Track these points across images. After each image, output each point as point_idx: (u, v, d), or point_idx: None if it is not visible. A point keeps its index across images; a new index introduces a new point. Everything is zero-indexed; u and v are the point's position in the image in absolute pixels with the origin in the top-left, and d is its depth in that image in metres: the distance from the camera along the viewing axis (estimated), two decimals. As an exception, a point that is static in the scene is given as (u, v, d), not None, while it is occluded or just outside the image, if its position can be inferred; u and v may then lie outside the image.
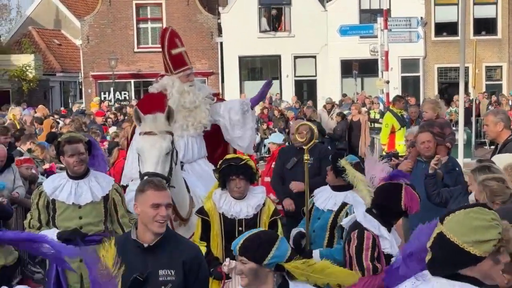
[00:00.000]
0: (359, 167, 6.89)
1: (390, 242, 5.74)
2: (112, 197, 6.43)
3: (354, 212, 6.60)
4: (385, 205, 5.79)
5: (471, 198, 6.34)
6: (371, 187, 6.44)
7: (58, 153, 6.49)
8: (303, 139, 7.19)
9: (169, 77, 7.82)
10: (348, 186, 6.94)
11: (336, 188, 6.96)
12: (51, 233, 6.22)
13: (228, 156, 6.75)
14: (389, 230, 5.79)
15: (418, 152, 9.02)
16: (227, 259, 5.99)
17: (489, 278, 3.45)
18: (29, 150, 12.47)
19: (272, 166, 10.95)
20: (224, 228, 6.45)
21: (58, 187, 6.36)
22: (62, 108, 34.40)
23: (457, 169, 8.68)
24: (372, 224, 5.74)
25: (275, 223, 6.60)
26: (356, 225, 5.81)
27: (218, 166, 6.55)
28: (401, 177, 6.07)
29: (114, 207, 6.48)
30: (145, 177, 6.07)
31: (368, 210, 5.91)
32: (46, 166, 12.54)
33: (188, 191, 7.06)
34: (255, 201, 6.53)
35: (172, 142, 6.42)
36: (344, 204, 6.90)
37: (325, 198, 6.99)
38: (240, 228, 6.45)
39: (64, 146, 6.32)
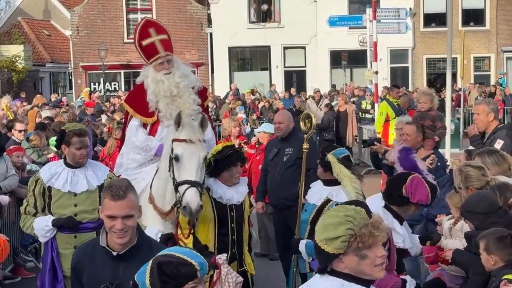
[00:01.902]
0: (347, 161, 6.89)
1: (403, 236, 5.67)
2: None
3: None
4: (389, 192, 5.75)
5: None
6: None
7: (61, 142, 6.54)
8: (306, 127, 7.25)
9: (145, 68, 7.82)
10: (338, 181, 6.95)
11: (326, 182, 6.95)
12: (46, 220, 6.37)
13: (226, 144, 6.88)
14: (401, 223, 5.72)
15: None
16: (223, 255, 6.13)
17: (363, 274, 3.48)
18: (27, 139, 12.53)
19: (266, 155, 11.12)
20: (217, 212, 6.61)
21: (55, 174, 6.47)
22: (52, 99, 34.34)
23: (439, 164, 8.82)
24: (385, 217, 5.58)
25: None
26: None
27: (217, 153, 6.64)
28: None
29: None
30: (187, 186, 6.24)
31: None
32: (51, 155, 12.62)
33: None
34: (243, 188, 6.81)
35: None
36: (328, 200, 6.84)
37: (315, 192, 7.04)
38: (231, 213, 6.65)
39: (73, 137, 6.41)
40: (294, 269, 7.14)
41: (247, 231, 6.87)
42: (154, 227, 6.70)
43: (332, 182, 6.87)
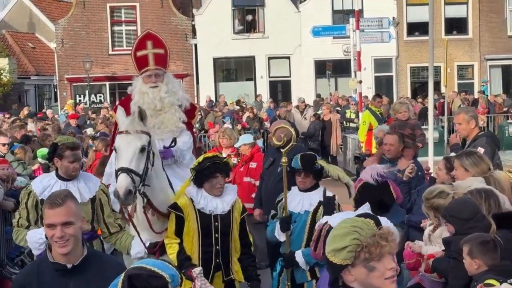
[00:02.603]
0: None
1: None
2: (99, 197, 6.58)
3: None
4: (383, 201, 5.79)
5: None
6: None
7: (53, 155, 6.60)
8: (280, 142, 7.29)
9: (136, 78, 7.98)
10: (316, 185, 7.14)
11: (306, 190, 7.07)
12: (40, 232, 6.36)
13: (208, 155, 6.91)
14: None
15: (383, 152, 9.31)
16: (198, 268, 6.18)
17: (372, 287, 3.39)
18: (12, 152, 12.55)
19: (250, 166, 11.15)
20: (201, 223, 6.65)
21: (47, 187, 6.49)
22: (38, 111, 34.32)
23: (419, 173, 8.94)
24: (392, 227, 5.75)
25: (244, 220, 6.96)
26: None
27: (198, 164, 6.68)
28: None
29: (100, 207, 6.65)
30: (119, 172, 6.26)
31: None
32: (35, 167, 12.65)
33: (173, 190, 7.14)
34: (229, 197, 6.82)
35: (149, 143, 6.56)
36: (320, 203, 7.00)
37: (298, 201, 7.07)
38: (216, 224, 6.68)
39: (66, 151, 6.47)
40: (288, 283, 7.13)
41: (236, 239, 6.86)
42: (142, 236, 6.77)
43: (312, 188, 7.09)
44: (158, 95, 7.64)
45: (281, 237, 7.06)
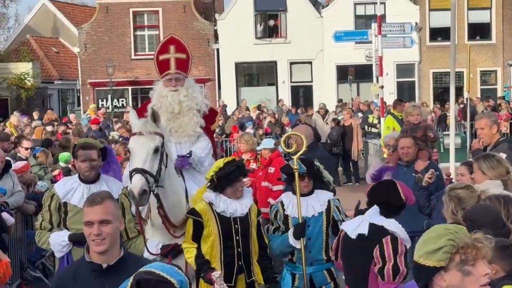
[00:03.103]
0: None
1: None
2: (121, 201, 6.53)
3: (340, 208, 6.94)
4: (387, 202, 5.80)
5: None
6: None
7: (73, 156, 6.71)
8: (290, 149, 7.27)
9: (157, 82, 8.07)
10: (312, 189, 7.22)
11: (307, 194, 7.10)
12: (62, 235, 6.40)
13: (227, 159, 6.92)
14: None
15: (399, 156, 9.27)
16: (217, 272, 6.19)
17: None
18: (34, 156, 12.66)
19: (268, 171, 11.16)
20: (221, 227, 6.68)
21: (70, 190, 6.53)
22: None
23: (437, 173, 8.91)
24: (401, 230, 5.69)
25: (259, 223, 7.00)
26: (380, 230, 5.71)
27: (220, 170, 6.69)
28: (386, 171, 6.20)
29: (122, 211, 6.54)
30: (133, 173, 6.29)
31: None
32: (56, 172, 12.73)
33: (187, 196, 7.18)
34: (247, 200, 6.88)
35: (163, 144, 6.59)
36: (329, 201, 7.13)
37: (308, 205, 7.07)
38: (236, 226, 6.73)
39: (78, 151, 6.53)
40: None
41: (255, 241, 6.89)
42: (155, 239, 6.79)
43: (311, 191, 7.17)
44: (177, 99, 7.71)
45: (297, 244, 6.97)
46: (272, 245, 7.15)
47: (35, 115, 28.14)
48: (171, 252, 6.78)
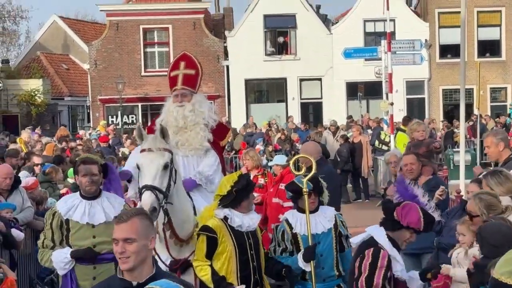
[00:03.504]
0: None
1: (401, 266, 5.72)
2: None
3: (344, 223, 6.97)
4: (384, 218, 5.80)
5: None
6: None
7: (75, 172, 6.73)
8: (300, 172, 7.22)
9: (167, 98, 8.16)
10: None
11: (311, 211, 7.04)
12: (65, 252, 6.41)
13: (239, 173, 6.93)
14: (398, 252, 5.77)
15: (404, 174, 9.23)
16: (242, 286, 6.18)
17: None
18: (44, 173, 12.67)
19: (280, 187, 11.14)
20: (236, 242, 6.66)
21: (72, 207, 6.54)
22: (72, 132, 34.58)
23: (441, 187, 8.89)
24: (387, 243, 5.70)
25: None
26: (369, 243, 5.76)
27: (237, 183, 6.64)
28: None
29: None
30: (143, 190, 6.29)
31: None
32: (63, 191, 12.74)
33: (195, 212, 7.17)
34: (255, 215, 6.89)
35: (172, 161, 6.61)
36: (335, 217, 7.18)
37: (316, 222, 7.05)
38: (249, 241, 6.71)
39: (79, 166, 6.56)
40: None
41: (263, 256, 6.90)
42: (162, 256, 6.79)
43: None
44: (182, 114, 7.77)
45: (307, 267, 6.88)
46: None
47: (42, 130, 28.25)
48: (180, 268, 6.76)
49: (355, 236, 6.31)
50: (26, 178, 11.48)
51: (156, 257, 6.61)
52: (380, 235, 5.72)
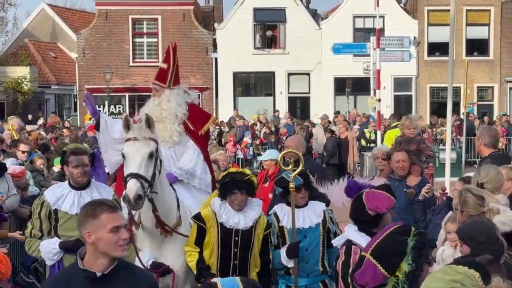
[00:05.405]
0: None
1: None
2: None
3: (333, 219, 6.96)
4: (357, 218, 5.72)
5: None
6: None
7: (63, 162, 6.65)
8: (288, 168, 7.19)
9: None
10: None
11: (301, 205, 7.02)
12: (53, 243, 6.37)
13: (232, 170, 6.98)
14: None
15: (391, 170, 9.19)
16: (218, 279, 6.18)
17: None
18: (31, 161, 12.62)
19: (275, 182, 11.11)
20: (220, 236, 6.70)
21: (61, 197, 6.50)
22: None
23: (427, 184, 8.91)
24: (362, 239, 5.54)
25: (267, 237, 6.92)
26: (346, 242, 5.69)
27: (221, 178, 6.78)
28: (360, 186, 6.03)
29: None
30: (128, 178, 6.28)
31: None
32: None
33: (178, 204, 7.15)
34: (253, 213, 6.81)
35: (157, 150, 6.60)
36: (324, 212, 7.09)
37: (304, 217, 7.00)
38: (236, 238, 6.71)
39: (70, 156, 6.50)
40: None
41: (256, 255, 6.84)
42: (146, 252, 6.78)
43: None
44: (147, 109, 7.83)
45: (290, 263, 6.87)
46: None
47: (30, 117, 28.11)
48: (160, 272, 6.71)
49: (336, 238, 6.30)
50: (13, 166, 11.43)
51: (137, 258, 6.58)
52: (352, 234, 5.60)
